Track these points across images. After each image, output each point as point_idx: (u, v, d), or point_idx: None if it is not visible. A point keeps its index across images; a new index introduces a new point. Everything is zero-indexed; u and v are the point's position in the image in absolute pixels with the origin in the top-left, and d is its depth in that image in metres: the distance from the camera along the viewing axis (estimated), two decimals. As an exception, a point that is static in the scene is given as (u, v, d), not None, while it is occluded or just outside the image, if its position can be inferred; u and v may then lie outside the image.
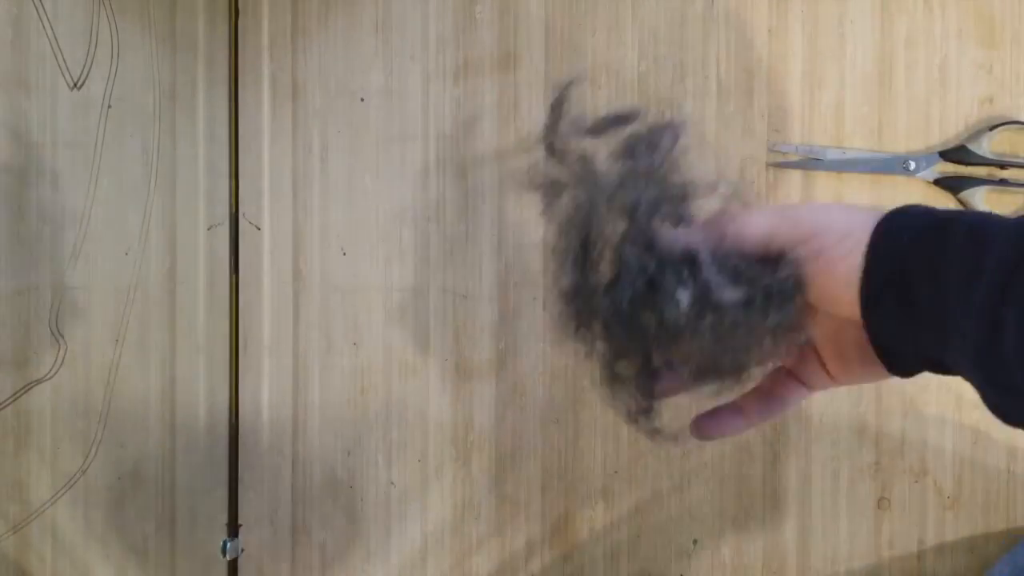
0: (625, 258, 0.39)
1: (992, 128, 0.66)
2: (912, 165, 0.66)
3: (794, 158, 0.67)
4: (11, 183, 0.69)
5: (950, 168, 0.66)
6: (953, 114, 0.69)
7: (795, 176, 0.68)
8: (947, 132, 0.69)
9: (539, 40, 0.68)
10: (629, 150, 0.43)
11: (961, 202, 0.66)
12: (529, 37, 0.68)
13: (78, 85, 0.69)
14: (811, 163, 0.67)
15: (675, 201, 0.41)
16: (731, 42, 0.69)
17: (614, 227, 0.40)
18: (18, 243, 0.69)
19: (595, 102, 0.68)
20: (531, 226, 0.69)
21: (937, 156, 0.66)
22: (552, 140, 0.45)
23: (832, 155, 0.67)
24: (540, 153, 0.44)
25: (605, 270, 0.41)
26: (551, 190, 0.43)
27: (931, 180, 0.66)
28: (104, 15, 0.69)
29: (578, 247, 0.41)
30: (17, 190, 0.69)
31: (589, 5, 0.68)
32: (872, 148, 0.67)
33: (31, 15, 0.69)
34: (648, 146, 0.42)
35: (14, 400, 0.69)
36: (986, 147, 0.66)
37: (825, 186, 0.67)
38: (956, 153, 0.66)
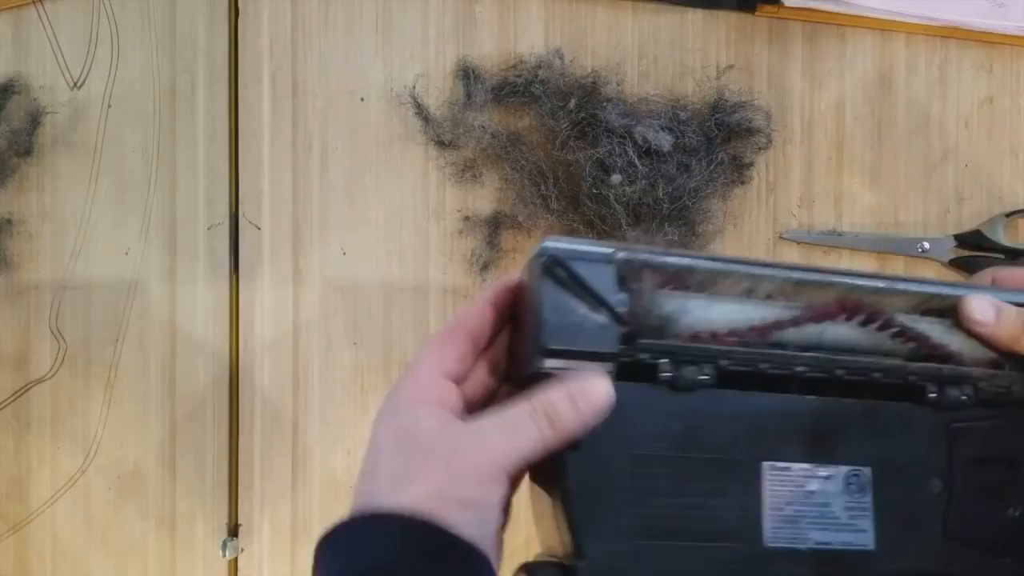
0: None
1: (1008, 215, 0.66)
2: (926, 246, 0.67)
3: (806, 233, 0.67)
4: (12, 183, 0.69)
5: (964, 251, 0.67)
6: (953, 114, 0.69)
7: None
8: (947, 133, 0.69)
9: (539, 40, 0.68)
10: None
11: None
12: (529, 37, 0.68)
13: (78, 85, 0.69)
14: (825, 239, 0.67)
15: None
16: (731, 42, 0.69)
17: None
18: (18, 243, 0.69)
19: (595, 102, 0.68)
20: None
21: (952, 239, 0.67)
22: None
23: (847, 236, 0.67)
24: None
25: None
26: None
27: (946, 261, 0.67)
28: (104, 15, 0.69)
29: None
30: (18, 190, 0.69)
31: (589, 5, 0.68)
32: (885, 228, 0.68)
33: (31, 15, 0.69)
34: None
35: (14, 400, 0.69)
36: (1001, 234, 0.66)
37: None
38: (971, 237, 0.67)
